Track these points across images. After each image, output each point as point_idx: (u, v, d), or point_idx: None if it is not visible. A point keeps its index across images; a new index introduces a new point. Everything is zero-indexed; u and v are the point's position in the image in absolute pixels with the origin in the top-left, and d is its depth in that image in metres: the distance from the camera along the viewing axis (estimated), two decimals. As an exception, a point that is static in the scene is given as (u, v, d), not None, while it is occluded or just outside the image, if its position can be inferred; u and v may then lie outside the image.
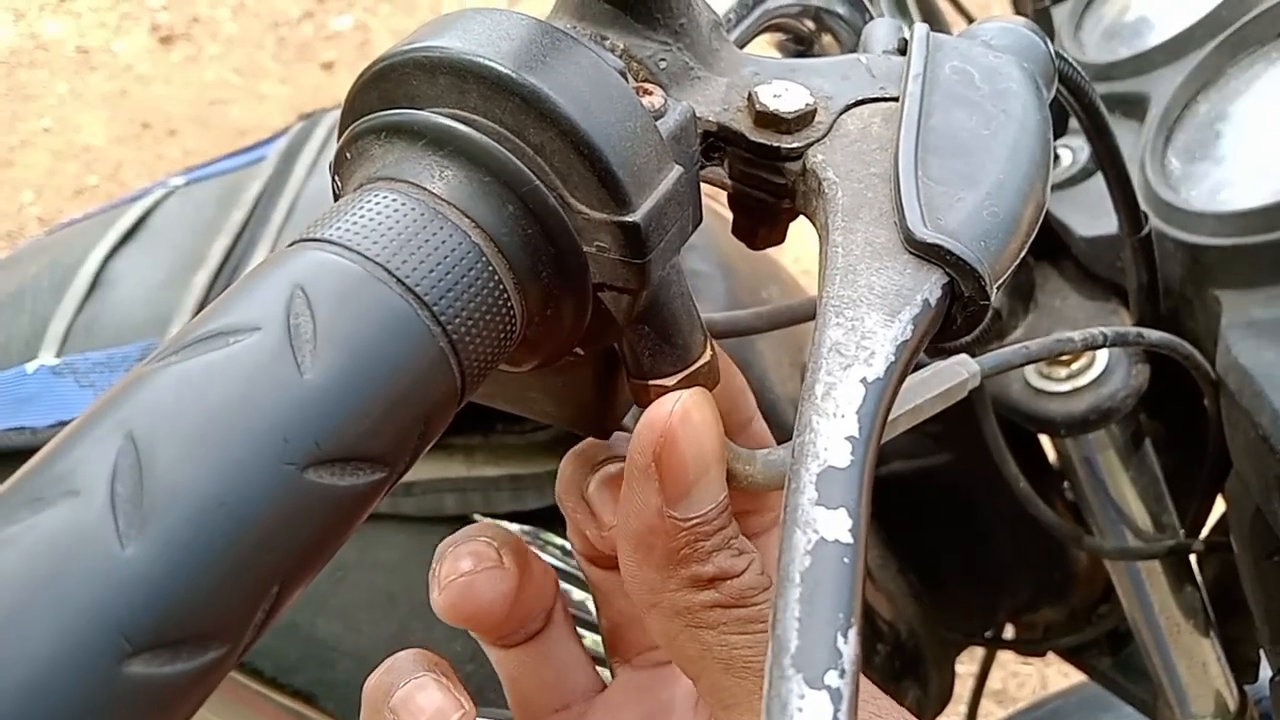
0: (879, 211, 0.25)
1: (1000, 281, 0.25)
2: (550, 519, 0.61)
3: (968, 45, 0.29)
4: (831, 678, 0.18)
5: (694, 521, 0.27)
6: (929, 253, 0.24)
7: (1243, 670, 0.77)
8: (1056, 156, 0.61)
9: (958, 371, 0.32)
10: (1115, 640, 0.83)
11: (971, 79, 0.28)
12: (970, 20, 0.78)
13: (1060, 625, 0.83)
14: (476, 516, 0.61)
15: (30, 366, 0.65)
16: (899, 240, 0.24)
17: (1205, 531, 0.68)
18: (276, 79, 2.63)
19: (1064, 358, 0.54)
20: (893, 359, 0.23)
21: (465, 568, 0.32)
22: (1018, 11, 0.78)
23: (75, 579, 0.17)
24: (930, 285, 0.24)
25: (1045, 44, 0.31)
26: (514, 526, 0.61)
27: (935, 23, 0.73)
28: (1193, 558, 0.73)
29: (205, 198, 0.76)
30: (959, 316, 0.24)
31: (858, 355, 0.22)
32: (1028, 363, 0.38)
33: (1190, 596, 0.71)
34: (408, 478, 0.61)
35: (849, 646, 0.19)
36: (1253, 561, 0.62)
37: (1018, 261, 0.25)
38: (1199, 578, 0.72)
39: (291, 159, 0.78)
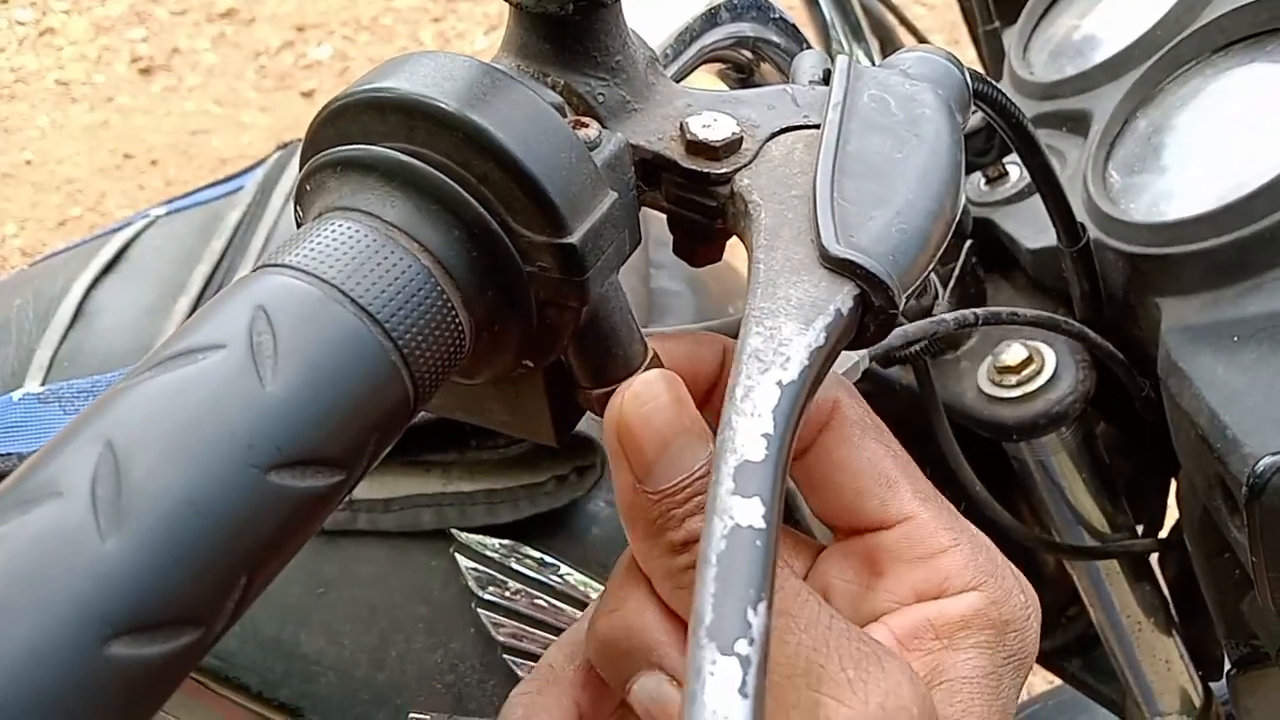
0: (798, 230, 0.27)
1: (910, 291, 0.27)
2: (525, 532, 0.62)
3: (886, 74, 0.32)
4: (741, 646, 0.20)
5: (663, 492, 0.29)
6: (841, 267, 0.26)
7: (1208, 667, 0.78)
8: (1005, 173, 0.63)
9: (849, 356, 0.35)
10: (1084, 642, 0.85)
11: (888, 106, 0.30)
12: (923, 42, 0.81)
13: (1030, 628, 0.85)
14: (454, 531, 0.63)
15: (16, 395, 0.66)
16: (815, 256, 0.27)
17: (1166, 531, 0.70)
18: (257, 108, 2.65)
19: (1012, 365, 0.57)
20: (806, 363, 0.25)
21: None
22: (971, 34, 0.81)
23: (60, 570, 0.19)
24: (843, 296, 0.26)
25: (961, 71, 0.33)
26: (491, 540, 0.63)
27: (890, 45, 0.75)
28: (1154, 557, 0.75)
29: (186, 227, 0.78)
30: (871, 324, 0.27)
31: (774, 360, 0.25)
32: (906, 345, 0.41)
33: (1150, 595, 0.72)
34: (385, 494, 0.63)
35: (759, 618, 0.21)
36: (1205, 559, 0.64)
37: (928, 272, 0.28)
38: (1160, 577, 0.74)
39: (269, 188, 0.79)
